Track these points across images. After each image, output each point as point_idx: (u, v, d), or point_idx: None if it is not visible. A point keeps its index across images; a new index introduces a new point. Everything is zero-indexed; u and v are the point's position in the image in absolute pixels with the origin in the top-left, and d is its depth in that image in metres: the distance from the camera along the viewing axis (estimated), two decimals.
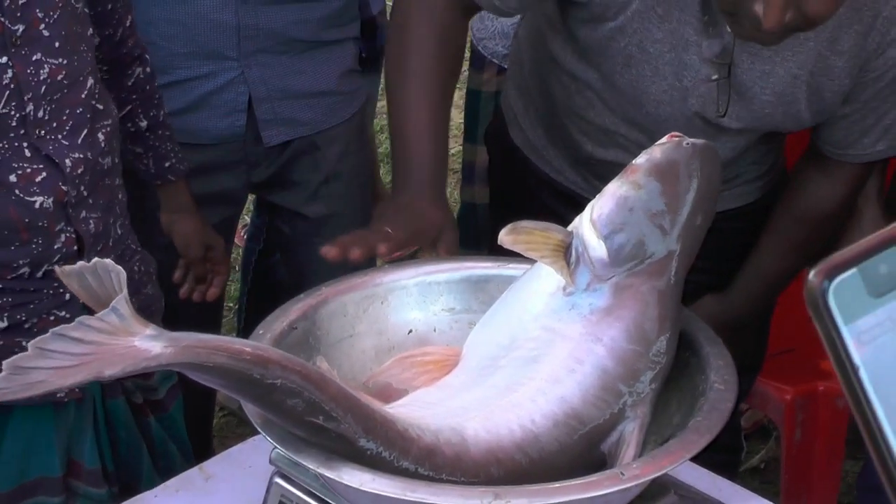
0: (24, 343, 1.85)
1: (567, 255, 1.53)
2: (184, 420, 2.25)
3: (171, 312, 2.45)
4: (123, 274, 1.21)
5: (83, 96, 1.95)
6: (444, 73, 2.01)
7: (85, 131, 1.95)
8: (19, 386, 1.12)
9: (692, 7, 1.88)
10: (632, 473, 1.32)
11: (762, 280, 2.24)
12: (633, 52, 1.96)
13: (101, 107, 2.00)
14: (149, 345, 1.19)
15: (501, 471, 1.41)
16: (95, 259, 1.20)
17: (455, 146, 5.11)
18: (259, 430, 1.36)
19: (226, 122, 2.50)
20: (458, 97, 5.41)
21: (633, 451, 1.44)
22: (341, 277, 1.68)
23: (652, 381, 1.48)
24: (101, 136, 1.98)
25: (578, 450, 1.45)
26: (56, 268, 1.31)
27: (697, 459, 1.40)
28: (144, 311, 2.08)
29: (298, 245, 2.75)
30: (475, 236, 3.58)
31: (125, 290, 1.19)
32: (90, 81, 1.97)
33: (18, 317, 1.92)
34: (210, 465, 1.86)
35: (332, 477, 1.31)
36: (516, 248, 1.51)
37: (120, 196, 2.08)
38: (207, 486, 1.81)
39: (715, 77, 1.95)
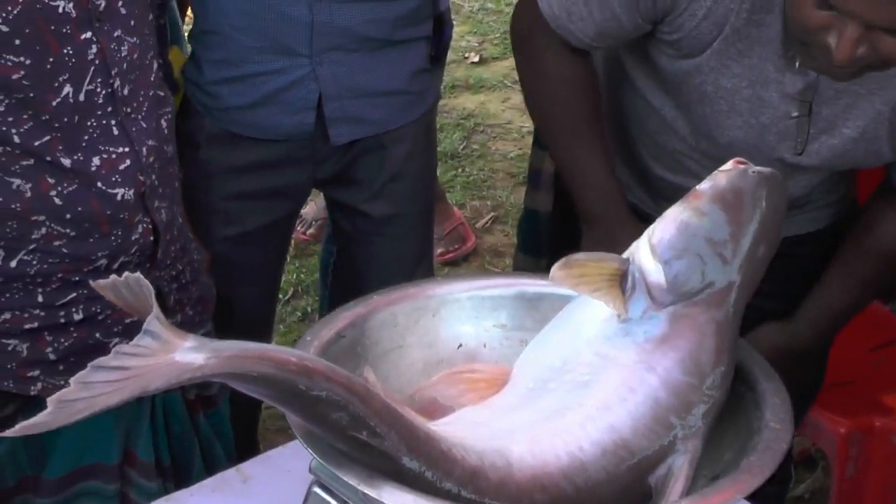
0: (98, 336, 1.87)
1: (623, 282, 1.49)
2: (230, 416, 2.24)
3: (225, 304, 2.44)
4: (151, 289, 1.18)
5: (152, 79, 1.94)
6: (595, 112, 2.07)
7: (156, 115, 1.93)
8: (65, 416, 1.11)
9: (774, 43, 1.83)
10: None
11: (827, 312, 2.17)
12: (708, 90, 1.91)
13: (162, 93, 1.98)
14: (191, 357, 1.17)
15: (546, 498, 1.37)
16: (126, 273, 1.18)
17: (515, 150, 5.10)
18: (301, 441, 1.34)
19: (294, 120, 2.46)
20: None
21: (682, 486, 1.40)
22: (393, 287, 1.65)
23: (704, 415, 1.44)
24: (164, 123, 1.97)
25: (625, 481, 1.41)
26: (91, 281, 1.29)
27: None
28: (200, 300, 2.07)
29: (358, 243, 2.69)
30: (535, 244, 3.53)
31: (156, 308, 1.17)
32: (155, 65, 1.95)
33: (93, 309, 1.89)
34: (248, 466, 1.82)
35: (373, 496, 1.28)
36: (567, 285, 1.48)
37: (176, 185, 2.06)
38: (245, 488, 1.78)
39: (795, 114, 1.89)
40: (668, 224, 1.51)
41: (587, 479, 1.39)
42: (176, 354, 1.17)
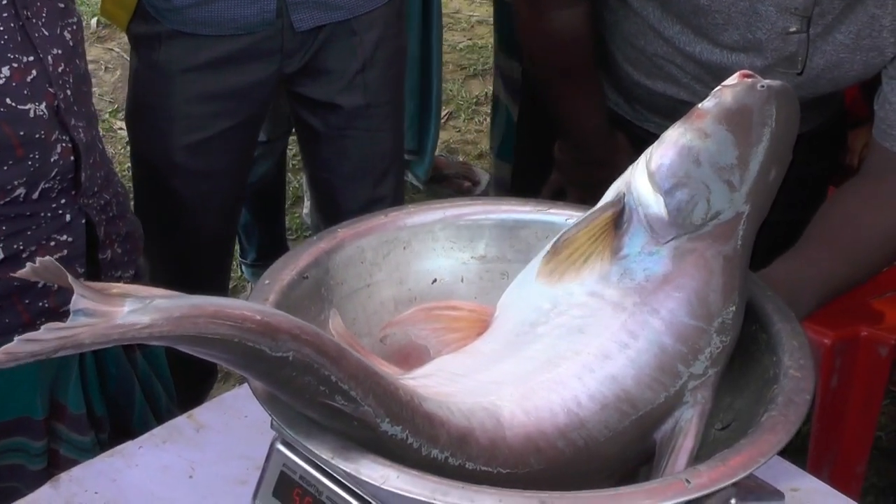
0: None
1: (619, 218, 1.33)
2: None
3: (187, 217, 2.46)
4: (65, 271, 1.00)
5: None
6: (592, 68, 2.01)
7: (58, 26, 1.78)
8: None
9: None
10: (699, 482, 1.12)
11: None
12: (702, 2, 1.76)
13: (62, 5, 1.82)
14: (133, 320, 1.00)
15: (541, 461, 1.23)
16: (38, 259, 0.99)
17: (464, 41, 4.91)
18: (264, 408, 1.18)
19: (254, 9, 2.30)
20: None
21: (692, 442, 1.26)
22: (358, 218, 1.48)
23: (714, 362, 1.29)
24: (67, 35, 1.80)
25: (628, 438, 1.27)
26: (11, 273, 1.16)
27: None
28: (128, 238, 1.92)
29: (329, 139, 2.57)
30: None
31: (79, 285, 0.99)
32: None
33: (15, 246, 1.73)
34: (201, 412, 1.68)
35: (349, 471, 1.12)
36: (555, 279, 1.33)
37: (93, 109, 1.91)
38: (198, 437, 1.64)
39: (793, 29, 1.75)
40: (668, 148, 1.34)
41: (587, 438, 1.25)
42: (117, 320, 1.00)
